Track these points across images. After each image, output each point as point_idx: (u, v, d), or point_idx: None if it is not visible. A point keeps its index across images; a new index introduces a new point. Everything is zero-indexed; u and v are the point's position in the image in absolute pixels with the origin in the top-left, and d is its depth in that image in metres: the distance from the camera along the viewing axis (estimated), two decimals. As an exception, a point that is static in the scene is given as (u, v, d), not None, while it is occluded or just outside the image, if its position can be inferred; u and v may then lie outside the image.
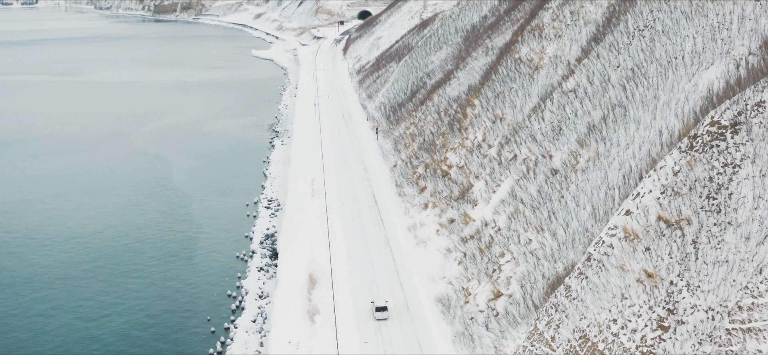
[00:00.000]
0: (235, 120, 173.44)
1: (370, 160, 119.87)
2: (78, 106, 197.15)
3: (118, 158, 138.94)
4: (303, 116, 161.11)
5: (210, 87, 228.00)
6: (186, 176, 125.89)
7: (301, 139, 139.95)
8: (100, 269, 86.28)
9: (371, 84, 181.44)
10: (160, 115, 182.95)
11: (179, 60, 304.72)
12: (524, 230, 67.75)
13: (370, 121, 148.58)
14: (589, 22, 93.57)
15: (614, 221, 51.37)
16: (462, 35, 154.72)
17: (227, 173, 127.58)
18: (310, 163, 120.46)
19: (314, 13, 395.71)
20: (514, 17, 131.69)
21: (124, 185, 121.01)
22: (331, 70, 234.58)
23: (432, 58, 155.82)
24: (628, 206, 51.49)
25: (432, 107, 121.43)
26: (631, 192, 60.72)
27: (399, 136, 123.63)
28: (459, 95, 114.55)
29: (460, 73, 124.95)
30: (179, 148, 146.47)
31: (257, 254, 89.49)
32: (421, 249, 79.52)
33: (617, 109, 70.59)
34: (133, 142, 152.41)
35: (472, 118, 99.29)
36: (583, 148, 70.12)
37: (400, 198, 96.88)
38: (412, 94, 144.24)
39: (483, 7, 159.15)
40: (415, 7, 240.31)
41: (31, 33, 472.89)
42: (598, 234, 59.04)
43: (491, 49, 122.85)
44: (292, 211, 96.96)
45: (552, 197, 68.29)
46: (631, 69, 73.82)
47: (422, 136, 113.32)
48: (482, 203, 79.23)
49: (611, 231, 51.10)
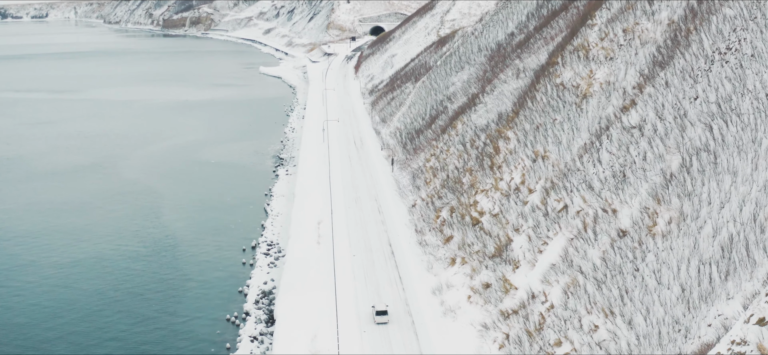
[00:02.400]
0: (237, 145, 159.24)
1: (384, 197, 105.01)
2: (70, 127, 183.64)
3: (103, 190, 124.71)
4: (311, 142, 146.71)
5: (213, 107, 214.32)
6: (177, 212, 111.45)
7: (307, 170, 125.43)
8: (56, 338, 71.72)
9: (385, 106, 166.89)
10: (155, 138, 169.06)
11: (183, 77, 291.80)
12: (587, 311, 52.64)
13: (385, 150, 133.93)
14: (646, 42, 78.62)
15: (740, 333, 36.15)
16: (486, 54, 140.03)
17: (224, 208, 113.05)
18: (317, 200, 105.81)
19: (325, 28, 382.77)
20: (548, 35, 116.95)
21: (104, 224, 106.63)
22: (342, 89, 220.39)
23: (453, 80, 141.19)
24: (759, 311, 36.29)
25: (455, 137, 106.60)
26: (733, 270, 45.70)
27: (418, 170, 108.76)
28: (488, 124, 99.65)
29: (487, 97, 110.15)
30: (172, 178, 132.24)
31: (251, 317, 74.65)
32: (449, 321, 64.49)
33: (703, 155, 55.51)
34: (122, 170, 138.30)
35: (507, 154, 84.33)
36: (660, 205, 55.01)
37: (422, 249, 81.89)
38: (432, 120, 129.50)
39: (509, 23, 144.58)
40: (432, 24, 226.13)
41: (34, 47, 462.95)
42: (695, 330, 43.96)
43: (523, 71, 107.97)
44: (294, 262, 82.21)
45: (623, 268, 53.18)
46: (716, 103, 58.79)
47: (445, 171, 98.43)
48: (526, 265, 64.17)
49: (737, 347, 35.90)
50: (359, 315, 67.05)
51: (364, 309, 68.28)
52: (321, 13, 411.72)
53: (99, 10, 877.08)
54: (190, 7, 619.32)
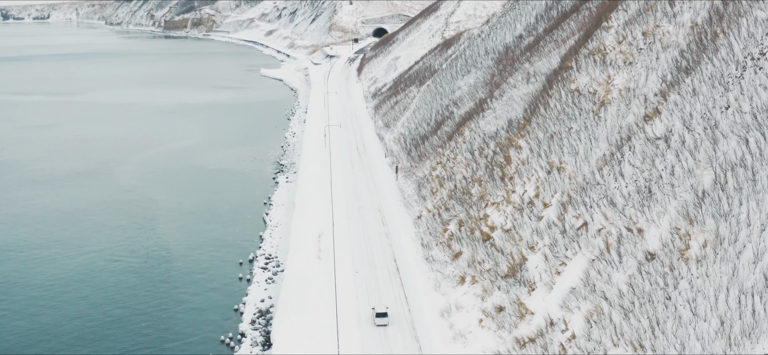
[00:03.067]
0: (236, 150, 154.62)
1: (389, 207, 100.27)
2: (67, 131, 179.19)
3: (96, 198, 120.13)
4: (312, 148, 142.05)
5: (213, 110, 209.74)
6: (172, 222, 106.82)
7: (308, 177, 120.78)
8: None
9: (389, 110, 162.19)
10: (153, 143, 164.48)
11: (183, 79, 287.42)
12: (613, 343, 47.86)
13: (389, 157, 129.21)
14: (668, 46, 73.82)
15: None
16: (493, 57, 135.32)
17: (221, 218, 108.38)
18: (318, 209, 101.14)
19: (327, 30, 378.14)
20: (559, 38, 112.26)
21: (95, 235, 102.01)
22: (344, 92, 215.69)
23: (459, 84, 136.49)
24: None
25: (463, 144, 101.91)
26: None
27: (423, 178, 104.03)
28: (497, 132, 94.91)
29: (496, 103, 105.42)
30: (169, 185, 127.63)
31: (247, 339, 69.90)
32: (459, 347, 59.75)
33: (739, 171, 50.74)
34: (117, 177, 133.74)
35: (519, 164, 79.57)
36: (692, 226, 50.23)
37: (428, 265, 77.11)
38: (437, 126, 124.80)
39: (517, 25, 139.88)
40: (436, 26, 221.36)
41: (34, 48, 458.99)
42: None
43: (534, 75, 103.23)
44: (293, 279, 77.49)
45: (653, 296, 48.40)
46: (751, 113, 54.00)
47: (452, 180, 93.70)
48: (542, 288, 59.41)
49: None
50: (363, 339, 62.32)
51: (369, 333, 63.52)
52: (323, 14, 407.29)
53: (101, 11, 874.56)
54: (191, 8, 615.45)
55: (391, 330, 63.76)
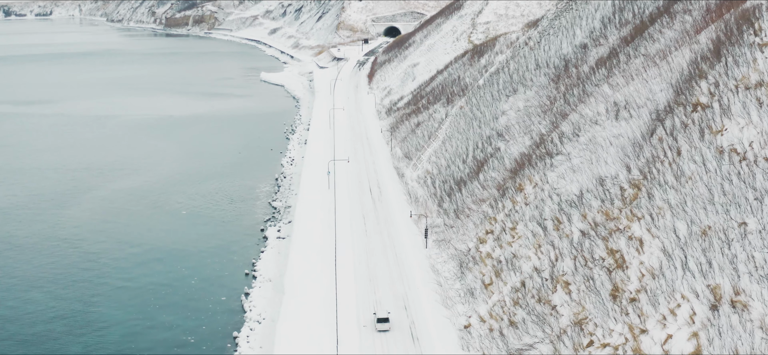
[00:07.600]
0: (220, 184, 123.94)
1: (419, 301, 69.18)
2: (22, 157, 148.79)
3: (28, 259, 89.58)
4: (312, 186, 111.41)
5: (200, 125, 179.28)
6: (118, 307, 76.24)
7: (306, 234, 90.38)
8: None
9: (409, 134, 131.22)
10: (121, 172, 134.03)
11: (173, 84, 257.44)
12: None
13: (412, 205, 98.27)
14: None
15: None
16: (548, 74, 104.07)
17: (182, 306, 77.65)
18: (317, 301, 70.52)
19: (335, 29, 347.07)
20: (652, 51, 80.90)
21: (9, 322, 71.51)
22: (354, 106, 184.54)
23: (503, 107, 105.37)
24: None
25: (524, 207, 70.93)
26: None
27: (467, 255, 73.04)
28: (581, 195, 63.74)
29: (570, 146, 74.19)
30: (125, 242, 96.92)
31: None
32: None
33: None
34: (62, 225, 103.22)
35: (642, 273, 48.34)
36: None
37: None
38: (478, 167, 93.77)
39: (576, 31, 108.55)
40: (461, 27, 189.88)
41: (22, 47, 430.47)
42: None
43: (625, 106, 71.81)
44: None
45: None
46: None
47: (517, 270, 62.63)
48: None
49: None
50: None
51: None
52: (330, 12, 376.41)
53: (103, 7, 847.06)
54: (193, 5, 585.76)
55: None
